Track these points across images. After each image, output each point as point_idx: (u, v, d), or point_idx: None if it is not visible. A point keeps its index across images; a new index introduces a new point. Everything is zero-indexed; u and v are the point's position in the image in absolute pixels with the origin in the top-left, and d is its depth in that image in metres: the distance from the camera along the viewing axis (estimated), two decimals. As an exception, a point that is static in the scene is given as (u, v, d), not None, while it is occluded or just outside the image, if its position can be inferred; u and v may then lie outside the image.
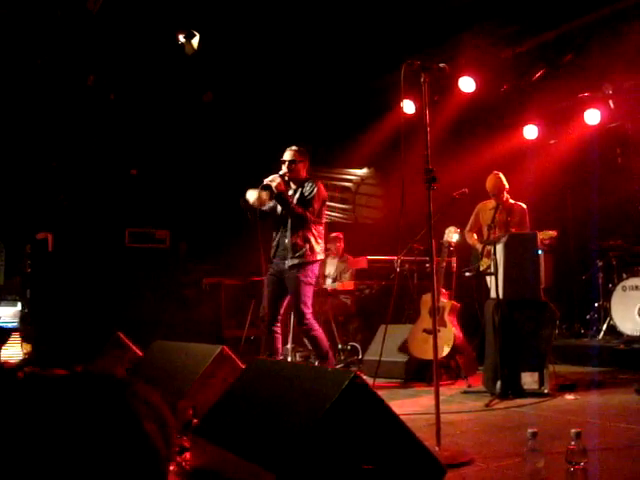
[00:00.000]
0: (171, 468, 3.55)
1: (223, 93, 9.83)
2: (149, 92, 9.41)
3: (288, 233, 6.42)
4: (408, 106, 9.28)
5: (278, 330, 6.54)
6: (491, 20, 8.24)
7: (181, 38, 7.98)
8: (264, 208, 6.51)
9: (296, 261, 6.35)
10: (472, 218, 7.85)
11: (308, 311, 6.41)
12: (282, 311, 6.60)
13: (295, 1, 7.74)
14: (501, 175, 7.47)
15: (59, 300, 9.19)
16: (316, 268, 6.59)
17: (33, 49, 8.11)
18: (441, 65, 4.30)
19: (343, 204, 12.02)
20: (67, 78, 8.86)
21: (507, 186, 7.42)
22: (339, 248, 9.52)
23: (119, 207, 10.07)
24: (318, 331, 6.49)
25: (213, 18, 7.89)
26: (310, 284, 6.46)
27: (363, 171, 12.26)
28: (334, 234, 9.58)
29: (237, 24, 8.05)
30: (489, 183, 7.45)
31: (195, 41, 7.96)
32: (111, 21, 7.76)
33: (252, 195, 6.42)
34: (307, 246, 6.37)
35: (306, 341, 7.84)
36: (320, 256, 6.56)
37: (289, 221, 6.42)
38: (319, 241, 6.51)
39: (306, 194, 6.43)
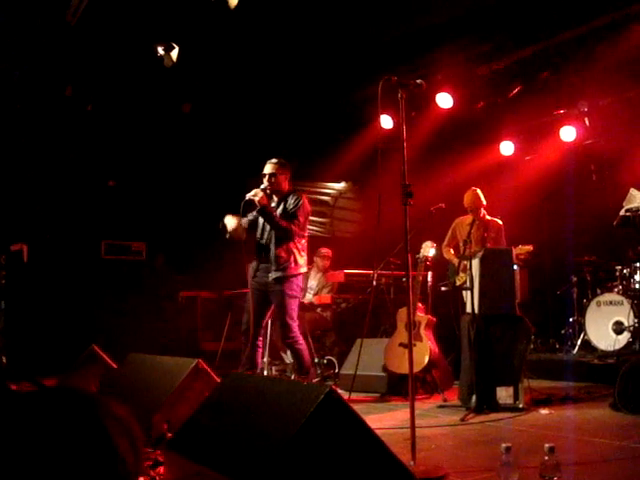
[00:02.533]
0: (145, 482, 3.53)
1: (202, 105, 9.82)
2: (127, 103, 9.39)
3: (272, 246, 6.40)
4: (386, 121, 9.34)
5: (260, 344, 6.52)
6: (469, 37, 8.31)
7: (160, 50, 7.97)
8: (243, 223, 6.50)
9: (280, 274, 6.33)
10: (449, 233, 7.91)
11: (294, 324, 6.38)
12: (264, 324, 6.58)
13: (274, 17, 7.76)
14: (479, 191, 7.53)
15: (34, 312, 9.11)
16: (300, 281, 6.57)
17: (12, 59, 8.06)
18: (418, 81, 4.33)
19: (321, 218, 12.03)
20: (45, 89, 8.82)
21: (484, 202, 7.48)
22: (325, 265, 9.52)
23: (95, 218, 10.02)
24: (303, 345, 6.46)
25: (192, 31, 7.89)
26: (295, 297, 6.44)
27: (341, 185, 12.29)
28: (324, 250, 9.58)
29: (217, 37, 8.06)
30: (467, 199, 7.51)
31: (174, 53, 7.96)
32: (90, 32, 7.73)
33: (230, 223, 6.42)
34: (291, 259, 6.36)
35: (288, 354, 7.85)
36: (303, 269, 6.55)
37: (272, 234, 6.41)
38: (302, 254, 6.49)
39: (290, 207, 6.41)
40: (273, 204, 6.52)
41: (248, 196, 6.28)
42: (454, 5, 7.80)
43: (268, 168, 6.48)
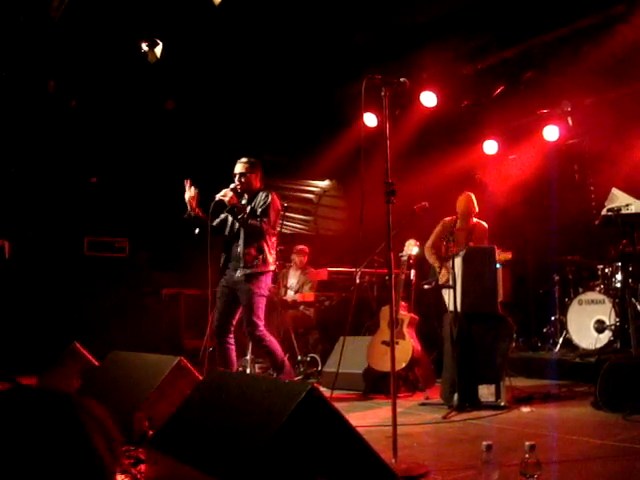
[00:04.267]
0: (125, 480, 3.51)
1: (186, 102, 9.79)
2: (111, 99, 9.34)
3: (241, 243, 6.41)
4: (369, 119, 9.34)
5: (231, 342, 6.50)
6: (453, 36, 8.33)
7: (144, 46, 7.94)
8: (214, 223, 6.51)
9: (248, 271, 6.34)
10: (434, 234, 7.92)
11: (260, 322, 6.37)
12: (234, 322, 6.56)
13: (260, 14, 7.75)
14: (473, 197, 7.55)
15: (15, 309, 9.04)
16: (269, 279, 6.57)
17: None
18: (402, 79, 4.33)
19: (304, 215, 12.03)
20: (28, 84, 8.75)
21: (477, 209, 7.52)
22: (303, 261, 9.52)
23: (78, 215, 9.96)
24: (271, 342, 6.45)
25: (177, 27, 7.87)
26: (262, 295, 6.44)
27: (325, 183, 12.29)
28: (300, 247, 9.58)
29: (201, 34, 8.04)
30: (460, 204, 7.54)
31: (158, 49, 7.93)
32: (73, 28, 7.69)
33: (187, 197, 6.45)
34: (260, 257, 6.37)
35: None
36: (272, 267, 6.56)
37: (241, 232, 6.43)
38: (272, 252, 6.51)
39: (260, 204, 6.44)
40: (244, 201, 6.56)
41: (217, 197, 6.32)
42: (439, 4, 7.83)
43: (238, 167, 6.54)
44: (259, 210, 6.41)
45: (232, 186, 6.44)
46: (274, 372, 6.61)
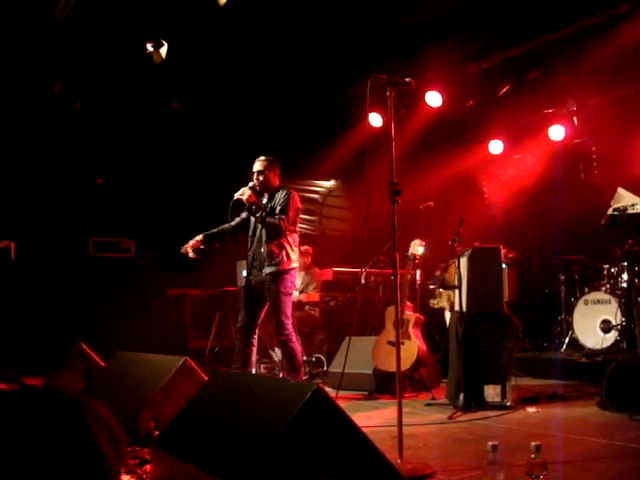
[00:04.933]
0: (131, 481, 3.52)
1: (191, 103, 9.80)
2: (116, 100, 9.35)
3: (263, 242, 6.41)
4: (375, 119, 9.34)
5: (254, 342, 6.49)
6: (458, 36, 8.32)
7: (149, 47, 7.95)
8: (233, 223, 6.58)
9: (273, 269, 6.32)
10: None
11: (288, 322, 6.34)
12: (259, 322, 6.55)
13: (265, 15, 7.75)
14: None
15: (21, 309, 9.07)
16: (294, 277, 6.55)
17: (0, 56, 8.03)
18: (407, 79, 4.33)
19: (310, 216, 12.02)
20: (33, 85, 8.78)
21: None
22: (306, 262, 9.51)
23: (83, 216, 9.98)
24: (296, 343, 6.42)
25: (181, 28, 7.88)
26: (289, 294, 6.43)
27: (330, 183, 12.28)
28: (304, 247, 9.58)
29: (206, 35, 8.04)
30: None
31: (163, 50, 7.94)
32: (79, 29, 7.70)
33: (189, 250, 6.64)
34: (283, 253, 6.35)
35: (277, 352, 7.84)
36: (295, 264, 6.53)
37: (263, 231, 6.42)
38: (294, 249, 6.49)
39: (280, 202, 6.41)
40: (264, 201, 6.53)
41: (236, 196, 6.30)
42: (444, 4, 7.82)
43: (256, 166, 6.50)
44: (278, 208, 6.39)
45: (251, 185, 6.42)
46: (289, 374, 6.59)
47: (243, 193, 6.28)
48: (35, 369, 7.10)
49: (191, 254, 6.61)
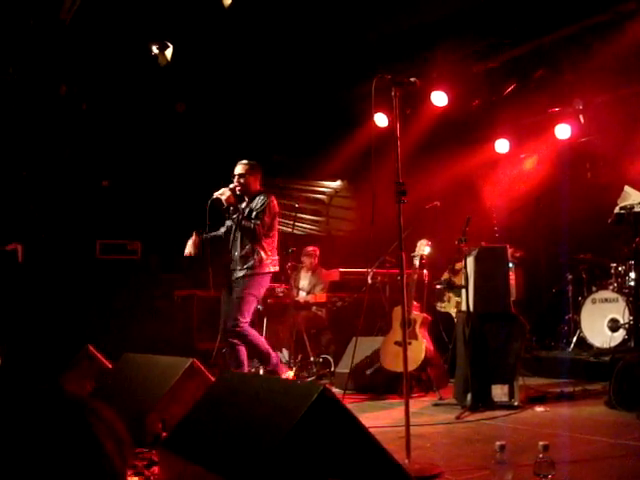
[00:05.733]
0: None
1: (196, 104, 9.81)
2: (122, 102, 9.37)
3: (238, 245, 6.51)
4: (380, 119, 9.33)
5: (239, 342, 6.53)
6: (464, 35, 8.31)
7: (154, 49, 7.96)
8: (220, 232, 6.83)
9: (243, 272, 6.49)
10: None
11: (243, 320, 6.40)
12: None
13: (269, 15, 7.75)
14: None
15: (29, 312, 9.08)
16: (265, 281, 6.64)
17: (5, 58, 8.04)
18: (412, 79, 4.33)
19: (316, 216, 12.02)
20: (39, 87, 8.79)
21: None
22: (313, 262, 9.52)
23: (90, 218, 10.00)
24: (254, 335, 6.51)
25: (187, 29, 7.88)
26: (254, 295, 6.53)
27: (336, 183, 12.27)
28: (310, 248, 9.58)
29: (211, 36, 8.05)
30: None
31: (168, 52, 7.95)
32: (84, 31, 7.72)
33: (189, 248, 6.79)
34: (256, 258, 6.45)
35: (284, 354, 7.88)
36: (270, 269, 6.61)
37: (239, 234, 6.51)
38: (269, 253, 6.58)
39: (257, 207, 6.53)
40: (244, 204, 6.62)
41: (215, 194, 6.48)
42: (449, 3, 7.81)
43: (238, 169, 6.67)
44: (254, 213, 6.48)
45: (231, 186, 6.58)
46: (262, 365, 6.67)
47: (223, 193, 6.45)
48: (43, 372, 7.12)
49: (194, 253, 6.70)
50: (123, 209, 10.15)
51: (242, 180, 6.58)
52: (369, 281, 7.12)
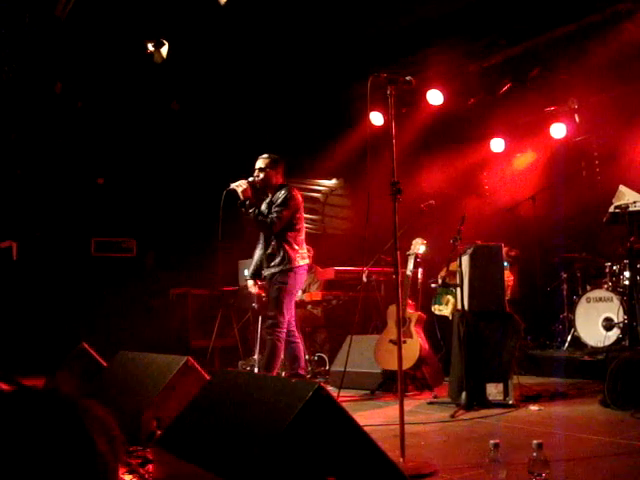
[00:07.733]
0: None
1: (192, 102, 9.80)
2: (117, 100, 9.36)
3: (265, 243, 6.46)
4: (376, 118, 9.34)
5: (292, 339, 6.48)
6: (459, 34, 8.31)
7: (150, 47, 7.95)
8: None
9: (272, 270, 6.36)
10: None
11: (281, 318, 6.28)
12: (291, 319, 6.50)
13: (265, 14, 7.74)
14: None
15: (23, 309, 9.07)
16: (298, 276, 6.46)
17: (1, 55, 8.02)
18: (407, 78, 4.32)
19: (312, 215, 12.01)
20: (34, 85, 8.78)
21: None
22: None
23: (85, 216, 9.99)
24: (280, 346, 6.32)
25: (183, 27, 7.87)
26: (289, 291, 6.38)
27: (332, 182, 12.27)
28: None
29: (207, 34, 8.04)
30: None
31: (164, 50, 7.94)
32: (80, 28, 7.70)
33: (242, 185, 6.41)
34: (281, 254, 6.33)
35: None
36: (299, 262, 6.43)
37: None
38: (295, 248, 6.42)
39: (277, 201, 6.38)
40: (267, 199, 6.53)
41: (232, 185, 6.28)
42: (445, 2, 7.81)
43: (259, 163, 6.52)
44: (274, 207, 6.37)
45: (250, 179, 6.40)
46: (283, 372, 6.59)
47: (240, 185, 6.24)
48: (37, 369, 7.11)
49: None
50: (118, 207, 10.15)
51: (262, 174, 6.43)
52: (364, 279, 7.11)
